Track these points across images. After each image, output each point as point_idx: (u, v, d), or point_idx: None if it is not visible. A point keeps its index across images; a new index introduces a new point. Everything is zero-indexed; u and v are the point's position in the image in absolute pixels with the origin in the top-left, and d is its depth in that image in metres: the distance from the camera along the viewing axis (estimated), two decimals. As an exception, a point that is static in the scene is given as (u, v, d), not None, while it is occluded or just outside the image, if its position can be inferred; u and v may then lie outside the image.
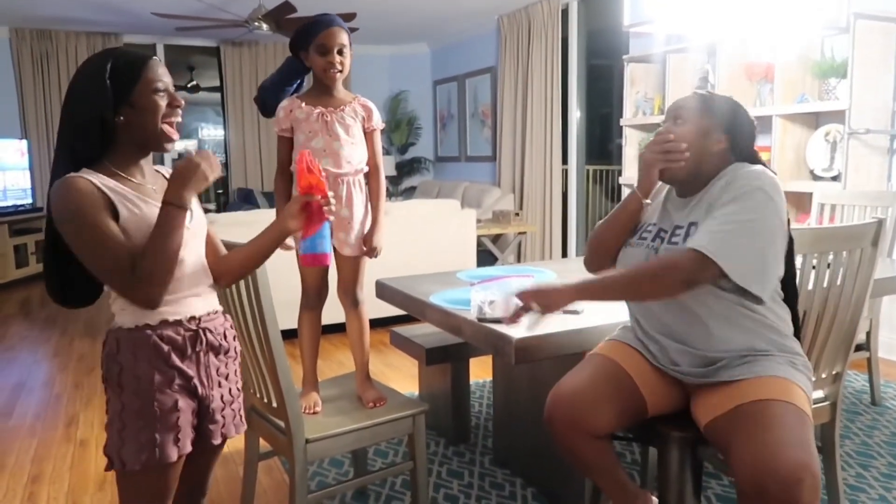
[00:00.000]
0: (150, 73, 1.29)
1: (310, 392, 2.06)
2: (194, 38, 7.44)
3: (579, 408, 1.57)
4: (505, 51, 6.52)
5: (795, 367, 1.57)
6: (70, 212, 1.21)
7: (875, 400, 3.01)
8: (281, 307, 2.36)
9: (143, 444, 1.27)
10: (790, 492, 1.27)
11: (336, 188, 2.09)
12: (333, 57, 2.03)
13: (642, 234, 1.70)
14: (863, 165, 3.50)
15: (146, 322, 1.29)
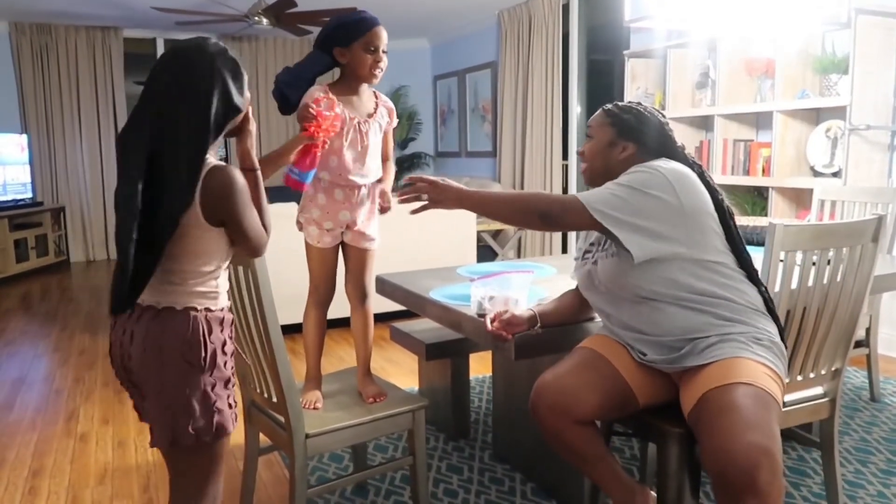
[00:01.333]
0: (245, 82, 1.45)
1: (312, 389, 2.06)
2: (194, 32, 7.42)
3: (562, 394, 1.62)
4: (505, 46, 6.51)
5: (760, 343, 1.60)
6: (241, 188, 1.35)
7: (874, 396, 3.02)
8: (282, 302, 2.37)
9: (231, 408, 1.41)
10: (748, 476, 1.31)
11: (358, 196, 2.08)
12: (381, 55, 2.01)
13: (584, 253, 1.84)
14: (863, 161, 3.49)
15: (228, 304, 1.46)
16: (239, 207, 1.36)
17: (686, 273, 1.61)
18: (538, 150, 6.13)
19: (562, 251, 6.16)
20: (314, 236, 2.10)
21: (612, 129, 1.77)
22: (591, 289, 1.79)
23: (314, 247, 2.12)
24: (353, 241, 2.13)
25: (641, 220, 1.58)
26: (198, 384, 1.35)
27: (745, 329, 1.60)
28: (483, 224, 5.42)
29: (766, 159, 3.92)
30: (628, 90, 4.88)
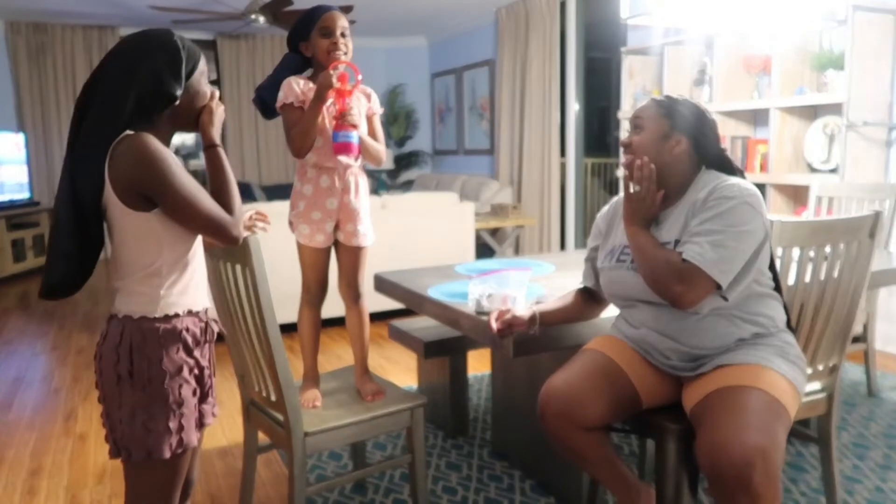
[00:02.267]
0: (202, 65, 1.37)
1: (310, 388, 2.06)
2: (190, 30, 7.41)
3: (571, 401, 1.59)
4: (503, 44, 6.50)
5: (785, 358, 1.59)
6: (155, 155, 1.21)
7: (872, 391, 3.02)
8: (281, 300, 2.37)
9: (172, 432, 1.28)
10: (742, 474, 1.30)
11: (345, 179, 2.09)
12: (337, 38, 2.02)
13: (620, 256, 1.71)
14: (861, 158, 3.50)
15: (175, 311, 1.30)
16: (160, 178, 1.21)
17: (743, 289, 1.58)
18: (536, 148, 6.12)
19: (560, 248, 6.16)
20: (306, 235, 2.10)
21: (666, 120, 1.66)
22: (625, 294, 1.71)
23: (306, 247, 2.11)
24: (346, 239, 2.12)
25: (743, 259, 1.54)
26: (126, 399, 1.27)
27: (774, 342, 1.61)
28: (481, 222, 5.42)
29: (763, 156, 3.92)
30: (626, 87, 4.88)
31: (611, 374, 1.65)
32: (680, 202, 1.66)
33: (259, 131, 7.82)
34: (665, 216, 1.67)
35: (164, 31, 1.32)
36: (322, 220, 2.08)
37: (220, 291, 1.83)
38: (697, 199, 1.61)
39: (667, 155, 1.64)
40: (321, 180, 2.07)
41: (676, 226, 1.63)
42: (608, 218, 1.86)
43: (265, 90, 2.13)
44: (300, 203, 2.09)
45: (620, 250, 1.73)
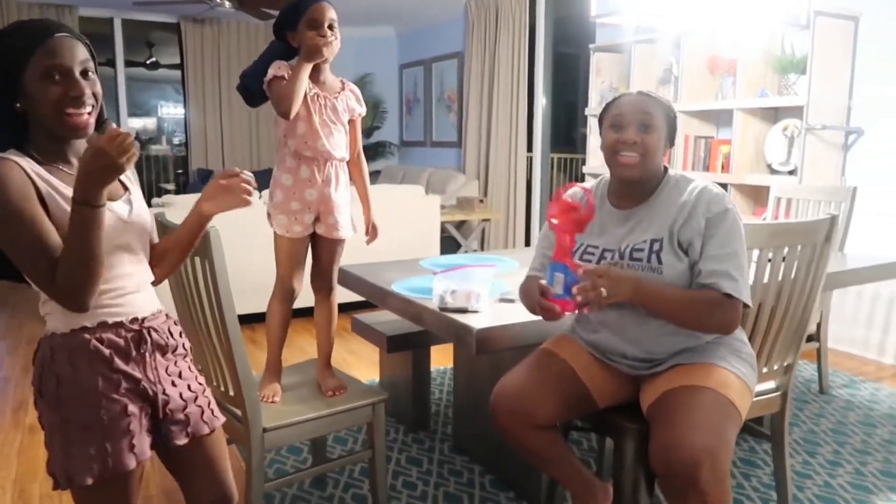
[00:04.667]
0: (41, 57, 1.12)
1: (271, 381, 2.03)
2: (154, 13, 7.22)
3: (521, 401, 1.61)
4: (472, 36, 6.49)
5: (738, 356, 1.64)
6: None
7: (823, 389, 3.11)
8: (242, 292, 2.32)
9: (93, 457, 1.17)
10: (691, 473, 1.34)
11: (325, 171, 2.05)
12: (325, 30, 1.97)
13: (583, 255, 1.67)
14: (819, 160, 3.58)
15: (83, 325, 1.19)
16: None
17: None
18: (503, 142, 6.13)
19: (525, 243, 6.19)
20: (283, 225, 2.05)
21: (667, 125, 1.65)
22: None
23: (283, 237, 2.07)
24: (326, 232, 2.09)
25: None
26: (45, 420, 1.20)
27: (729, 341, 1.65)
28: (447, 215, 5.41)
29: (725, 156, 3.98)
30: (593, 84, 4.91)
31: (562, 375, 1.67)
32: (654, 201, 1.65)
33: (223, 118, 7.68)
34: (635, 215, 1.65)
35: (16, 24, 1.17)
36: (301, 210, 2.04)
37: (177, 283, 1.79)
38: (684, 202, 1.60)
39: (660, 157, 1.65)
40: (301, 170, 2.04)
41: (655, 226, 1.61)
42: None
43: (249, 77, 2.07)
44: (278, 192, 2.05)
45: (583, 248, 1.69)
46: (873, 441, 2.62)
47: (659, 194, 1.65)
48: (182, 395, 1.34)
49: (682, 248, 1.59)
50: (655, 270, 1.58)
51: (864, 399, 3.05)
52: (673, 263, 1.58)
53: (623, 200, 1.69)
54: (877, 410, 2.92)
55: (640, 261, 1.60)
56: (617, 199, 1.70)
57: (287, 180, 2.04)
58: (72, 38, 1.16)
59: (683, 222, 1.59)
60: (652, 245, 1.60)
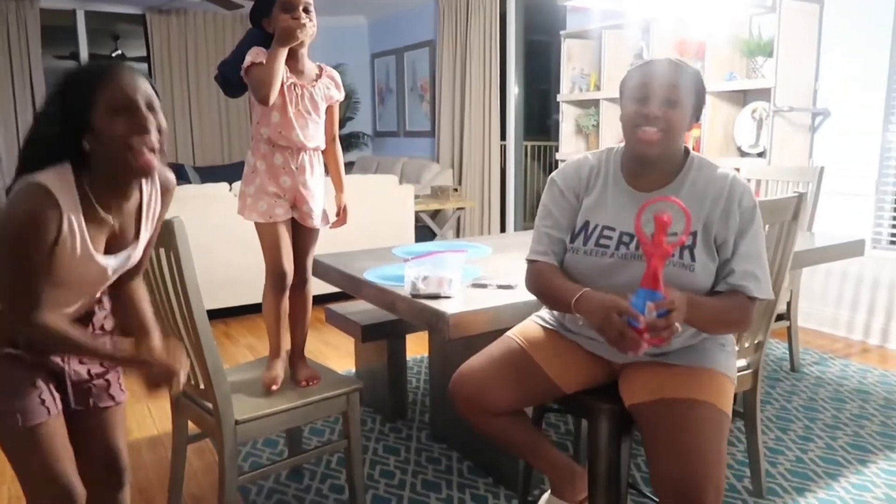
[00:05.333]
0: (108, 91, 1.16)
1: (273, 367, 1.98)
2: (118, 4, 7.07)
3: (477, 388, 1.59)
4: (443, 25, 6.45)
5: (724, 350, 1.58)
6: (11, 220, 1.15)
7: (794, 366, 3.16)
8: (217, 285, 2.29)
9: (3, 413, 1.28)
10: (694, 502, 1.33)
11: (298, 159, 2.02)
12: (300, 13, 1.93)
13: (600, 239, 1.52)
14: (787, 142, 3.62)
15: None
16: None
17: None
18: (476, 131, 6.12)
19: (500, 230, 6.19)
20: (265, 211, 2.00)
21: (695, 99, 1.49)
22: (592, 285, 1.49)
23: (266, 224, 2.01)
24: (301, 219, 2.07)
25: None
26: None
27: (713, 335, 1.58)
28: (422, 204, 5.39)
29: (696, 139, 4.01)
30: (564, 70, 4.91)
31: (521, 364, 1.61)
32: (678, 186, 1.51)
33: (192, 111, 7.55)
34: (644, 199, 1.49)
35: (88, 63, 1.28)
36: (277, 194, 2.01)
37: (144, 276, 1.75)
38: (720, 195, 1.48)
39: (683, 134, 1.48)
40: (275, 157, 2.01)
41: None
42: (586, 179, 1.59)
43: (228, 66, 2.04)
44: (255, 179, 2.01)
45: (598, 230, 1.53)
46: (843, 416, 2.67)
47: (683, 179, 1.51)
48: (90, 370, 1.44)
49: (717, 245, 1.48)
50: (687, 268, 1.45)
51: (833, 375, 3.10)
52: (706, 263, 1.46)
53: (640, 180, 1.54)
54: (846, 386, 2.98)
55: (681, 260, 1.46)
56: (632, 177, 1.54)
57: (261, 166, 2.01)
58: (134, 73, 1.21)
59: (721, 217, 1.48)
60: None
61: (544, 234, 1.61)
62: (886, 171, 3.51)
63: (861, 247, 2.72)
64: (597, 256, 1.53)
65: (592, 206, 1.56)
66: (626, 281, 1.47)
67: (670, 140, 1.45)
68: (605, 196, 1.55)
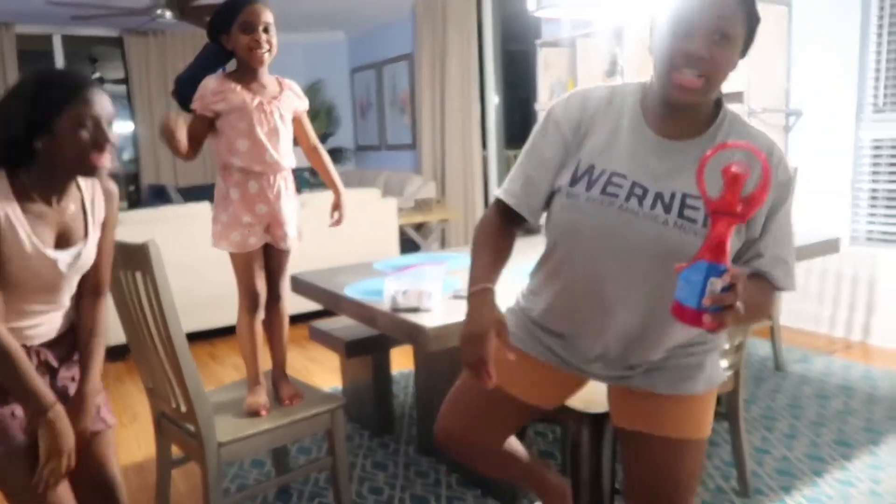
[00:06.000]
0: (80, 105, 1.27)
1: (256, 394, 1.95)
2: (95, 27, 7.06)
3: (462, 440, 1.51)
4: (421, 37, 6.49)
5: (711, 355, 1.37)
6: None
7: (778, 365, 3.18)
8: (198, 307, 2.27)
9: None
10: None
11: (276, 184, 2.00)
12: (259, 34, 1.91)
13: (608, 187, 1.21)
14: (762, 143, 3.66)
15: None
16: None
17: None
18: (457, 142, 6.14)
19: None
20: (238, 242, 1.97)
21: (746, 33, 1.18)
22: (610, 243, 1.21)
23: (239, 254, 2.00)
24: (275, 242, 2.04)
25: None
26: None
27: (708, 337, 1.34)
28: (405, 217, 5.40)
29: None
30: (542, 79, 4.94)
31: (499, 402, 1.45)
32: (712, 138, 1.22)
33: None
34: (683, 151, 1.22)
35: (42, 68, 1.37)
36: (252, 223, 1.99)
37: (120, 299, 1.74)
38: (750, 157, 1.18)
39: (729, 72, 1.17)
40: (249, 185, 1.97)
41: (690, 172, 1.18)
42: (593, 113, 1.28)
43: (184, 83, 2.02)
44: (228, 208, 1.98)
45: (608, 175, 1.22)
46: (827, 413, 2.69)
47: (716, 131, 1.23)
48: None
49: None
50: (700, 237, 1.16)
51: (817, 373, 3.13)
52: (733, 240, 1.12)
53: (665, 127, 1.23)
54: (830, 383, 3.00)
55: (692, 222, 1.17)
56: (657, 122, 1.24)
57: (235, 194, 1.98)
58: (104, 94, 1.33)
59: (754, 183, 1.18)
60: (684, 200, 1.19)
61: (521, 176, 1.33)
62: (860, 168, 3.56)
63: (836, 245, 2.75)
64: (602, 206, 1.21)
65: (601, 148, 1.25)
66: (630, 245, 1.19)
67: (713, 86, 1.16)
68: (618, 138, 1.25)
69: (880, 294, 3.50)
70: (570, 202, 1.25)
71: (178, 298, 1.62)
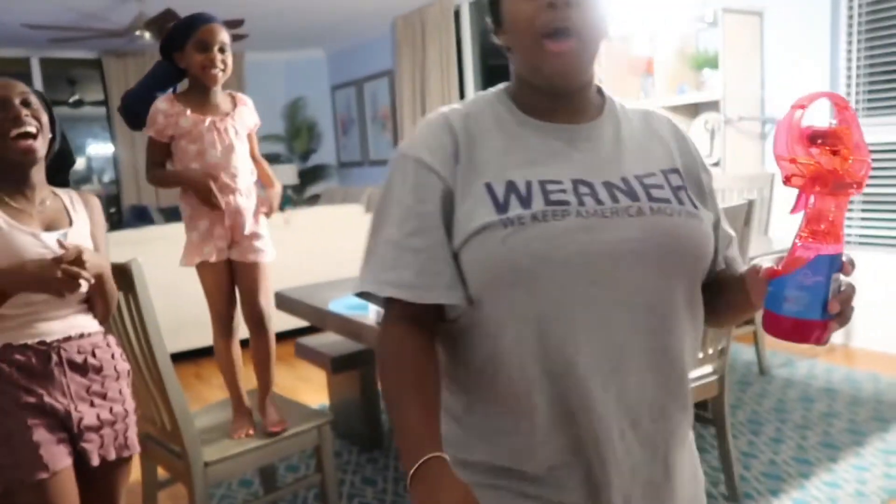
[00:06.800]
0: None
1: (240, 419, 1.93)
2: (73, 49, 7.03)
3: None
4: (401, 53, 6.53)
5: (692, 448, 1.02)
6: None
7: (763, 370, 3.21)
8: (184, 326, 2.23)
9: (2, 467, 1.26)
10: None
11: (234, 201, 1.97)
12: (214, 54, 1.90)
13: (549, 195, 0.84)
14: (739, 150, 3.72)
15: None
16: None
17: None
18: (440, 156, 6.17)
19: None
20: (207, 253, 1.96)
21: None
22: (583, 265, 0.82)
23: (207, 265, 1.98)
24: (240, 255, 2.01)
25: None
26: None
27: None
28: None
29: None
30: (522, 92, 4.99)
31: None
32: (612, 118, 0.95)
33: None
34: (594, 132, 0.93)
35: None
36: (221, 239, 1.97)
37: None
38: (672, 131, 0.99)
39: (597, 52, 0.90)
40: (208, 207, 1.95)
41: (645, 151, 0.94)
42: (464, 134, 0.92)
43: (132, 99, 2.01)
44: (199, 226, 1.96)
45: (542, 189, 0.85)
46: (812, 415, 2.72)
47: (613, 111, 0.97)
48: (100, 415, 1.39)
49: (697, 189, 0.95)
50: (692, 216, 0.88)
51: (801, 376, 3.16)
52: (707, 214, 0.93)
53: (559, 115, 0.92)
54: (813, 385, 3.04)
55: (666, 202, 0.87)
56: (547, 114, 0.92)
57: (198, 214, 1.96)
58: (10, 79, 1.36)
59: (694, 159, 0.98)
60: (668, 178, 0.91)
61: (403, 254, 0.86)
62: (836, 173, 3.62)
63: (816, 248, 2.79)
64: (556, 220, 0.83)
65: (503, 160, 0.89)
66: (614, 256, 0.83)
67: (591, 52, 0.88)
68: (518, 143, 0.91)
69: (861, 297, 3.54)
70: (511, 236, 0.82)
71: (163, 319, 1.61)
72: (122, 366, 1.47)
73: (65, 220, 1.41)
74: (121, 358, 1.48)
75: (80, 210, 1.47)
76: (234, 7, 5.60)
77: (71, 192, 1.48)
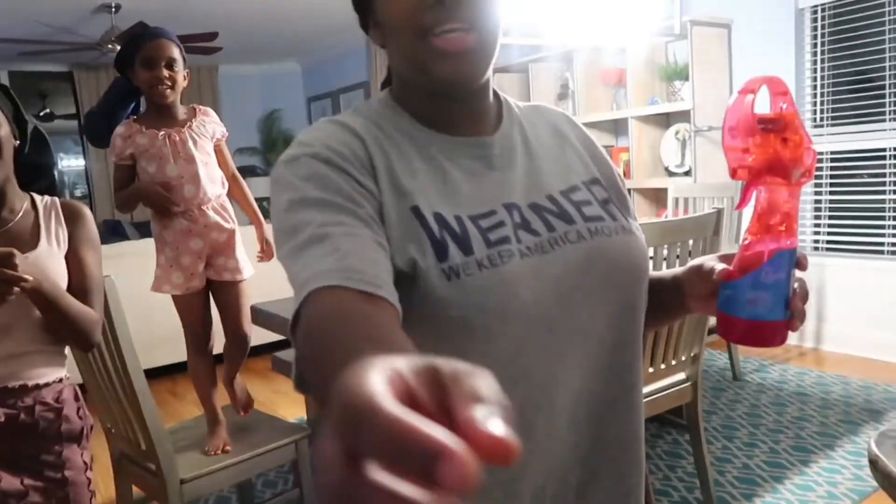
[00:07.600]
0: None
1: (216, 434, 1.92)
2: (44, 63, 6.96)
3: None
4: (377, 65, 6.55)
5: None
6: None
7: (736, 375, 3.26)
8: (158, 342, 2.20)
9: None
10: None
11: (202, 215, 1.96)
12: (160, 71, 1.86)
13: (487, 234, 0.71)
14: (709, 160, 3.79)
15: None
16: None
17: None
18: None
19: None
20: (181, 284, 1.95)
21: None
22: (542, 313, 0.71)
23: (180, 296, 1.98)
24: (216, 275, 2.00)
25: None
26: None
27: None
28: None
29: (625, 163, 4.16)
30: (496, 104, 5.03)
31: None
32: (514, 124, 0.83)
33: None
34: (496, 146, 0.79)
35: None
36: (193, 263, 1.95)
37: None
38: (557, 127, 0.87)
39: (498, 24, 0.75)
40: (176, 223, 1.93)
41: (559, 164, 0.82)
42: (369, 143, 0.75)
43: (95, 119, 1.99)
44: (165, 249, 1.95)
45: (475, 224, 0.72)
46: (784, 419, 2.77)
47: (512, 115, 0.85)
48: (24, 481, 1.17)
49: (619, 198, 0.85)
50: (628, 232, 0.79)
51: (774, 381, 3.22)
52: (635, 223, 0.84)
53: (458, 127, 0.79)
54: (785, 390, 3.09)
55: (600, 220, 0.78)
56: (446, 126, 0.78)
57: (168, 236, 1.95)
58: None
59: (591, 156, 0.86)
60: (592, 191, 0.81)
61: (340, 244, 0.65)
62: (804, 181, 3.70)
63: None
64: (503, 264, 0.70)
65: (422, 186, 0.74)
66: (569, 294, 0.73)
67: (491, 46, 0.74)
68: (431, 167, 0.76)
69: (829, 302, 3.63)
70: (458, 285, 0.68)
71: (136, 335, 1.60)
72: (70, 426, 1.25)
73: (30, 242, 1.26)
74: (76, 416, 1.27)
75: (56, 227, 1.32)
76: (207, 20, 5.58)
77: (55, 204, 1.34)
